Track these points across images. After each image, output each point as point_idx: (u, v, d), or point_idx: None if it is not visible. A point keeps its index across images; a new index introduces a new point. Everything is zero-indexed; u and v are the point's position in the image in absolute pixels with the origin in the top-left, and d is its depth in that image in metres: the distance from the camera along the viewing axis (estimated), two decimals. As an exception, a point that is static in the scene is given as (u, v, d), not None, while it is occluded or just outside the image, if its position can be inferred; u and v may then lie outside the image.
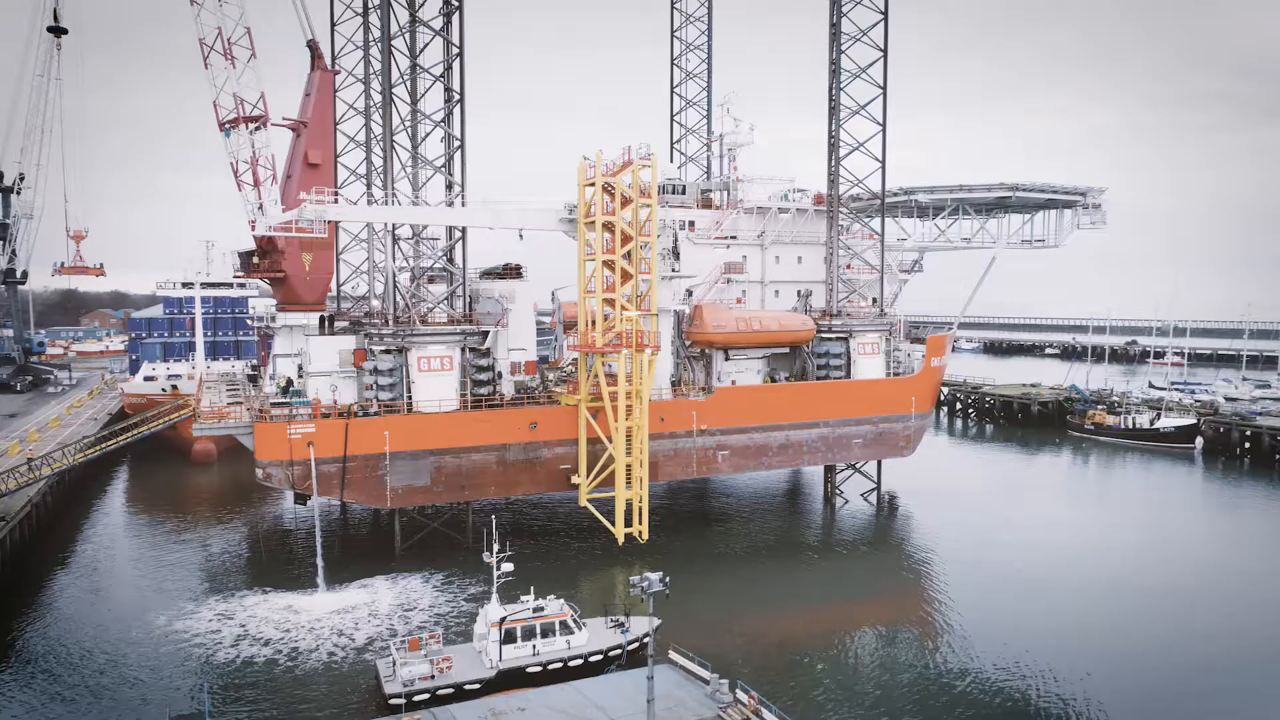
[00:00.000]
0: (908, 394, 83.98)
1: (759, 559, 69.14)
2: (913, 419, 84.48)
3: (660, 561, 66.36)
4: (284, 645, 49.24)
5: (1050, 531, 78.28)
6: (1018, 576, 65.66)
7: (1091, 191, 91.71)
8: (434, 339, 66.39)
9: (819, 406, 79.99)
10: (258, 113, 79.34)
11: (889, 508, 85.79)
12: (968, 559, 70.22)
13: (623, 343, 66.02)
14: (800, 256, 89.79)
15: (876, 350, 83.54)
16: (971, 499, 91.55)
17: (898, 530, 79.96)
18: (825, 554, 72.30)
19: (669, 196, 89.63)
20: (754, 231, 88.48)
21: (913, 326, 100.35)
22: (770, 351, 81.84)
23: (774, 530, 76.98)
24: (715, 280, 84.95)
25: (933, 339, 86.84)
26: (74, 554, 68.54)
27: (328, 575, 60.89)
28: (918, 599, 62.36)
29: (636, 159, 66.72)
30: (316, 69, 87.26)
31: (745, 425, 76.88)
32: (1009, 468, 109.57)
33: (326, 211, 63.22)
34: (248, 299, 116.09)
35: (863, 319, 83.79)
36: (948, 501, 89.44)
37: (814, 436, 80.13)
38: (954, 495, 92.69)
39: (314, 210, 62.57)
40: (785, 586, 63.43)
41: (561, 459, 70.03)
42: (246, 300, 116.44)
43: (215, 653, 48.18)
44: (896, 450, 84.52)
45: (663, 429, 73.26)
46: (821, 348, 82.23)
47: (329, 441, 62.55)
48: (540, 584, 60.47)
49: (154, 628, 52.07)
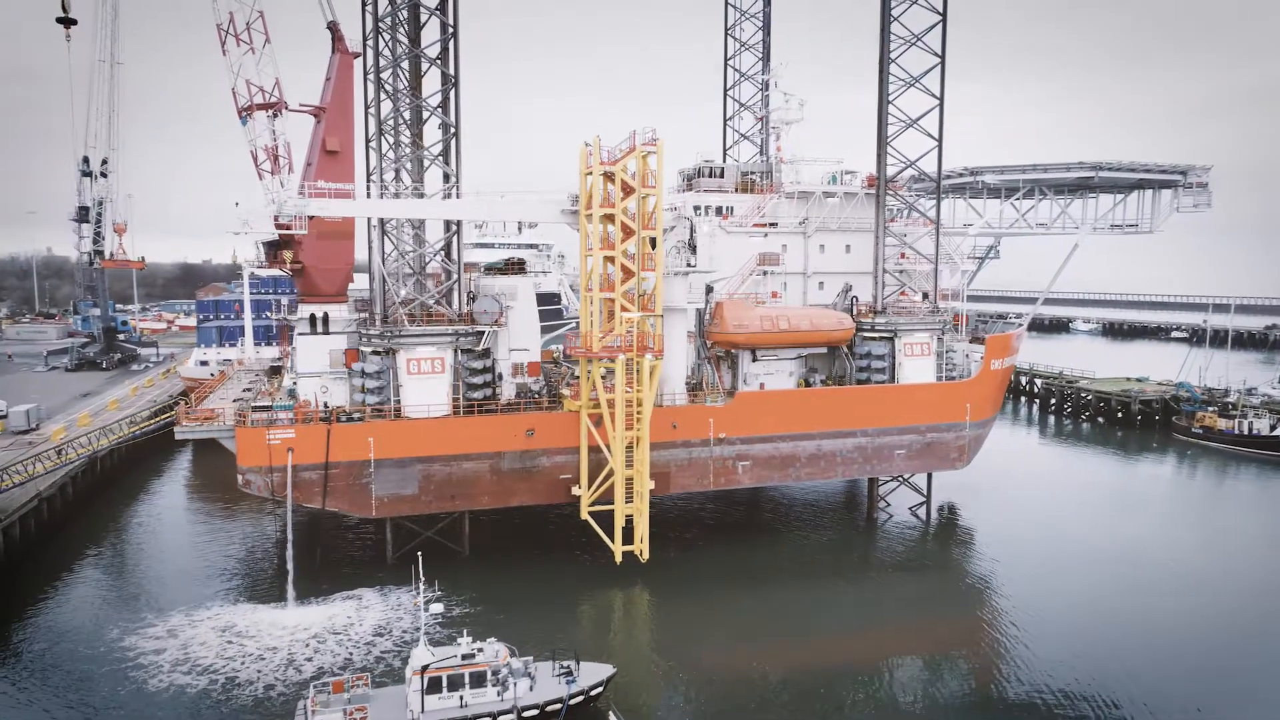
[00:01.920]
0: (961, 400, 75.35)
1: (780, 580, 63.29)
2: (967, 428, 75.86)
3: (662, 583, 61.59)
4: (222, 674, 46.64)
5: (1138, 557, 68.44)
6: (1098, 609, 58.12)
7: (1194, 170, 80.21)
8: (423, 340, 62.72)
9: (856, 413, 72.56)
10: (273, 99, 77.12)
11: (945, 522, 77.80)
12: (1029, 583, 62.86)
13: (621, 347, 60.73)
14: (849, 245, 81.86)
15: (926, 351, 75.13)
16: (1047, 511, 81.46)
17: (949, 549, 72.22)
18: (857, 575, 65.82)
19: (704, 180, 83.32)
20: (796, 218, 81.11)
21: (980, 321, 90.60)
22: (804, 352, 74.71)
23: (803, 547, 70.43)
24: (750, 272, 78.23)
25: (994, 339, 77.55)
26: (76, 549, 67.98)
27: (303, 587, 58.78)
28: (959, 633, 55.62)
29: (640, 144, 60.86)
30: (337, 52, 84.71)
31: (770, 433, 70.35)
32: (1099, 475, 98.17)
33: (307, 206, 60.13)
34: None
35: (911, 317, 75.45)
36: (1017, 514, 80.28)
37: (850, 447, 72.81)
38: (1026, 507, 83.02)
39: (295, 205, 59.62)
40: (802, 613, 57.92)
41: (561, 468, 65.52)
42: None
43: (149, 680, 45.97)
44: (947, 462, 76.16)
45: (675, 436, 67.70)
46: (863, 348, 74.55)
47: (310, 447, 59.96)
48: (524, 605, 57.25)
49: (104, 642, 50.57)
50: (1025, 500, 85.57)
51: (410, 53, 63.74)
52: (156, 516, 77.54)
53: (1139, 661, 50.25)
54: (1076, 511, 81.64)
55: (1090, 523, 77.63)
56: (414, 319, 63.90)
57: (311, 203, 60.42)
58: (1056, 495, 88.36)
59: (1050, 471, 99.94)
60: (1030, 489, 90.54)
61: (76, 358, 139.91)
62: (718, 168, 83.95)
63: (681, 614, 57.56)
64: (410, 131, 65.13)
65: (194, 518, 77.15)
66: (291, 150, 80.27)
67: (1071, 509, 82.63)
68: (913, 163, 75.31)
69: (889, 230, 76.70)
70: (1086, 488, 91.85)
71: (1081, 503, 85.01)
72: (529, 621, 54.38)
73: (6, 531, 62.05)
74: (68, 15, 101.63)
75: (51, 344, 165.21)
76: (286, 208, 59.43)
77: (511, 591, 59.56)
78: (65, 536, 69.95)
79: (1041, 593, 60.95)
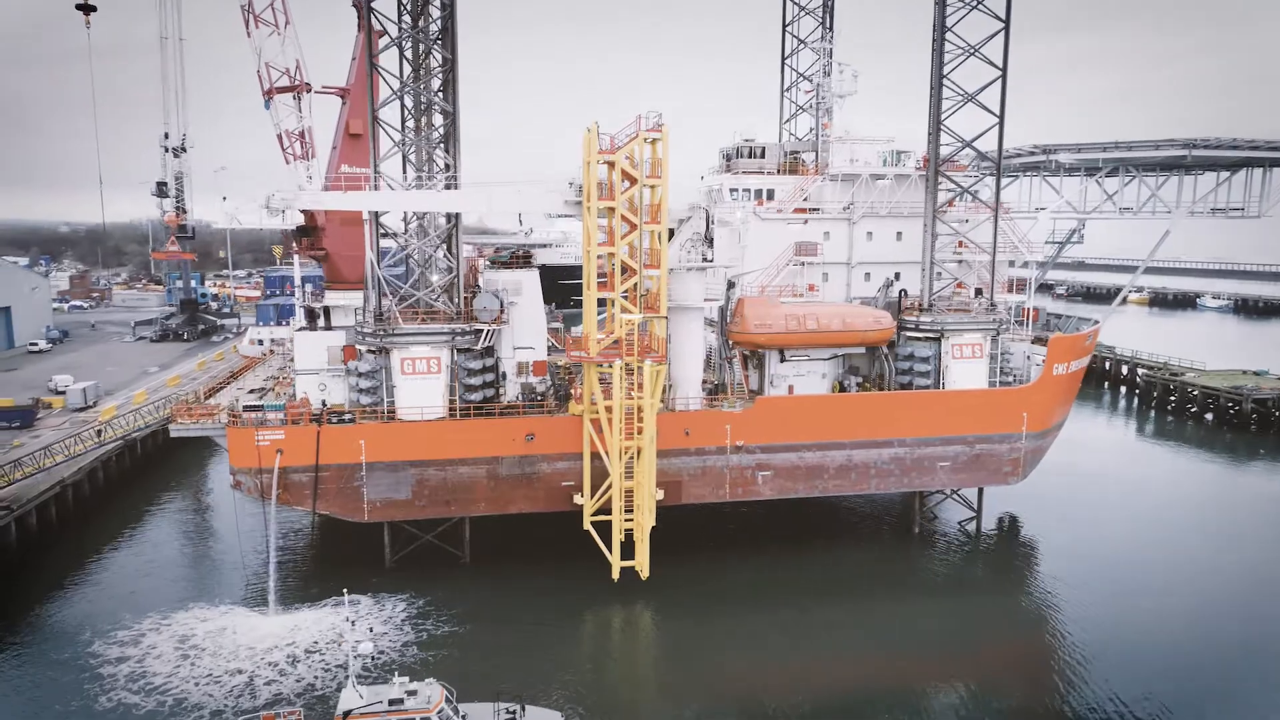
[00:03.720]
0: (1017, 408, 67.68)
1: (800, 601, 58.41)
2: (1023, 439, 68.20)
3: (667, 602, 57.73)
4: (173, 695, 45.21)
5: (1233, 594, 60.36)
6: (1172, 654, 51.73)
7: (1312, 146, 69.17)
8: (417, 339, 59.91)
9: (893, 421, 66.07)
10: (295, 81, 75.30)
11: (1001, 537, 70.92)
12: (1094, 613, 56.47)
13: (620, 351, 56.41)
14: (900, 233, 74.74)
15: (978, 353, 67.66)
16: (1128, 528, 72.61)
17: (1002, 570, 66.08)
18: (889, 596, 60.31)
19: (742, 161, 77.44)
20: (841, 202, 74.37)
21: (1051, 318, 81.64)
22: (838, 352, 68.45)
23: (829, 563, 64.73)
24: (785, 264, 72.27)
25: (1057, 341, 69.10)
26: (97, 539, 67.82)
27: (293, 591, 57.67)
28: (1002, 663, 50.37)
29: (642, 131, 55.83)
30: (362, 30, 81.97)
31: (794, 442, 64.83)
32: (1197, 487, 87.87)
33: (298, 199, 57.93)
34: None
35: (962, 315, 67.99)
36: (1090, 530, 72.02)
37: (886, 458, 66.50)
38: (1103, 521, 74.21)
39: (281, 199, 57.46)
40: (822, 638, 53.60)
41: (563, 475, 61.98)
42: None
43: (100, 696, 45.01)
44: (999, 477, 68.82)
45: (688, 444, 63.13)
46: (905, 349, 67.76)
47: (300, 449, 58.28)
48: (514, 623, 54.37)
49: (75, 646, 50.20)
50: (1103, 513, 76.47)
51: (410, 33, 60.25)
52: (182, 507, 77.72)
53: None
54: (1164, 530, 72.63)
55: (1177, 545, 68.94)
56: (417, 315, 61.23)
57: (301, 197, 58.25)
58: (1142, 508, 78.78)
59: (1140, 479, 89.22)
60: (1111, 499, 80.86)
61: (160, 329, 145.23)
62: (758, 147, 77.79)
63: (685, 637, 53.89)
64: (414, 119, 62.06)
65: (218, 509, 76.92)
66: (314, 134, 78.50)
67: (1159, 526, 73.66)
68: (968, 143, 67.39)
69: (942, 217, 69.07)
70: (1179, 502, 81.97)
71: (1171, 520, 75.58)
72: (515, 642, 51.85)
73: (22, 520, 63.13)
74: (87, 2, 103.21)
75: (146, 313, 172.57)
76: (273, 203, 57.36)
77: (504, 606, 56.64)
78: (91, 524, 70.39)
79: (1107, 627, 54.42)
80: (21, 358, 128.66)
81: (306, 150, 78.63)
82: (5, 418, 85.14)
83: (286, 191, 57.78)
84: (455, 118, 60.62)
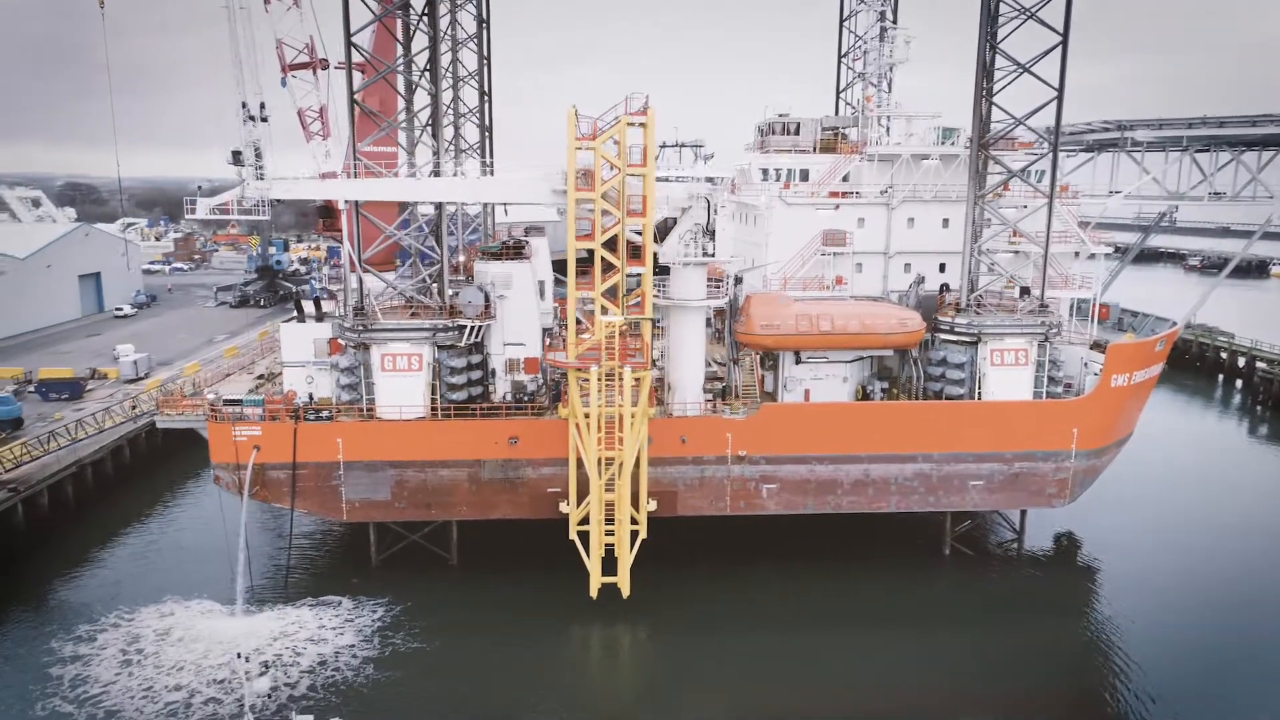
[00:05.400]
0: (1065, 423, 59.81)
1: (802, 623, 54.38)
2: (1072, 458, 60.34)
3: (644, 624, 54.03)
4: (102, 709, 44.34)
5: None
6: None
7: None
8: (396, 334, 57.19)
9: (916, 434, 59.48)
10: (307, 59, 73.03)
11: (1054, 561, 63.92)
12: (1165, 666, 49.76)
13: (597, 356, 52.14)
14: (946, 219, 67.03)
15: (1022, 360, 59.93)
16: (1221, 558, 63.65)
17: (1047, 600, 59.00)
18: (907, 625, 54.98)
19: (775, 138, 71.00)
20: (880, 185, 67.23)
21: (1126, 315, 72.12)
22: (862, 355, 62.00)
23: (843, 585, 58.92)
24: (811, 254, 65.97)
25: (1118, 349, 60.38)
26: (105, 527, 67.69)
27: (268, 590, 56.70)
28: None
29: (623, 116, 50.77)
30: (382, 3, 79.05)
31: (803, 453, 59.25)
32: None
33: (271, 189, 55.73)
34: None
35: (1004, 316, 60.31)
36: (1170, 557, 63.81)
37: (908, 473, 60.09)
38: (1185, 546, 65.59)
39: (256, 188, 55.38)
40: (820, 668, 49.77)
41: (549, 481, 58.51)
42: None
43: (36, 703, 44.52)
44: (1041, 499, 61.31)
45: (684, 452, 58.53)
46: (937, 353, 60.77)
47: (277, 446, 56.80)
48: (489, 635, 51.80)
49: (38, 640, 50.16)
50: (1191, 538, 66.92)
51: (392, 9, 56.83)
52: (193, 497, 75.26)
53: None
54: (1270, 564, 63.53)
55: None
56: (399, 310, 58.57)
57: (276, 184, 56.03)
58: (1243, 536, 67.96)
59: (1241, 496, 77.60)
60: (1202, 520, 70.33)
61: (239, 295, 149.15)
62: (792, 122, 71.10)
63: (664, 665, 50.53)
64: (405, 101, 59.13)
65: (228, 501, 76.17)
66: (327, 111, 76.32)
67: (1264, 558, 64.35)
68: (1020, 120, 59.02)
69: (990, 203, 61.09)
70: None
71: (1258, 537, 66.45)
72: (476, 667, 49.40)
73: (32, 502, 64.37)
74: None
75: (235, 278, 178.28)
76: (249, 190, 55.40)
77: (478, 620, 54.09)
78: (105, 507, 70.59)
79: (1180, 681, 48.03)
80: (106, 323, 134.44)
81: (325, 128, 76.61)
82: (55, 389, 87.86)
83: (262, 182, 55.62)
84: (436, 95, 57.05)
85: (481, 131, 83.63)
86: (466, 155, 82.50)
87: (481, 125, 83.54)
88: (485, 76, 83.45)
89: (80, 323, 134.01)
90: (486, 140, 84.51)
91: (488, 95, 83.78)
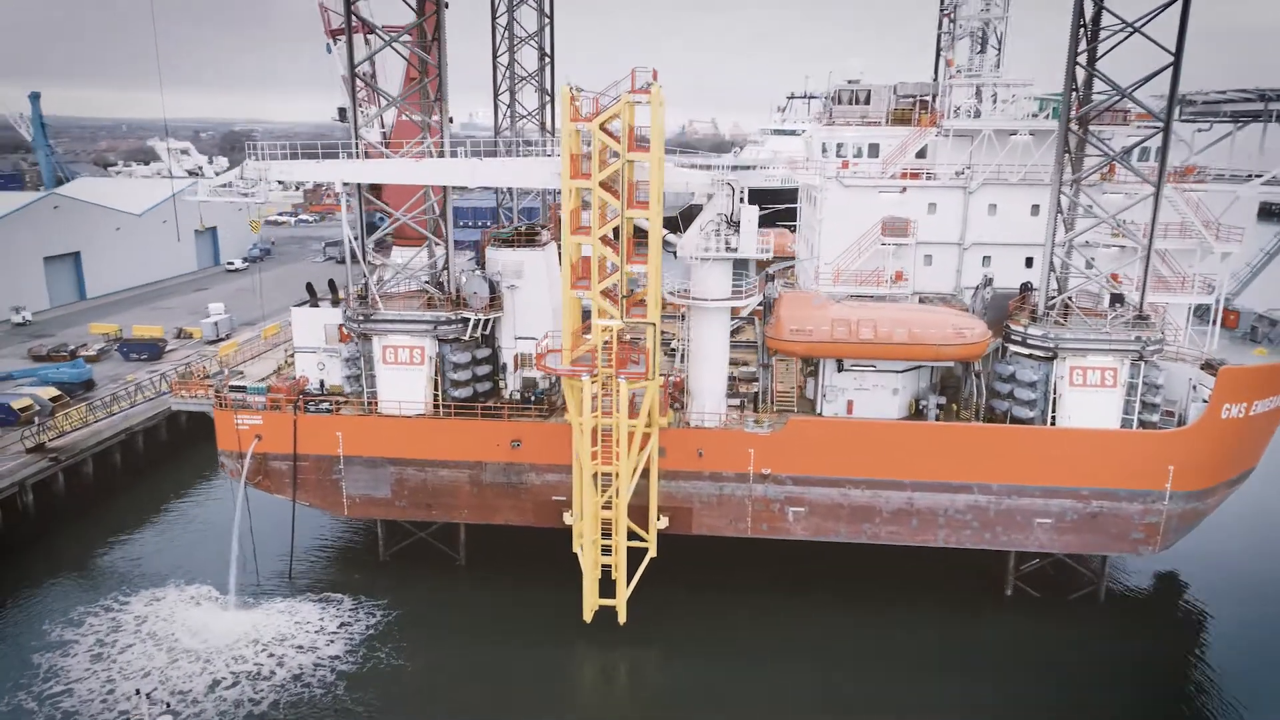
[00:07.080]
0: (1160, 459, 50.02)
1: (815, 666, 48.54)
2: (1166, 499, 50.59)
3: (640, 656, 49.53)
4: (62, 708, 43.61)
5: None
6: None
7: None
8: (397, 326, 53.81)
9: (971, 460, 51.29)
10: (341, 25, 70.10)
11: (1140, 609, 55.19)
12: None
13: (590, 364, 46.97)
14: (1037, 206, 57.35)
15: (1110, 381, 50.29)
16: None
17: (1141, 650, 50.93)
18: (953, 673, 48.61)
19: (843, 109, 62.86)
20: (956, 165, 58.18)
21: (1264, 321, 59.96)
22: (917, 365, 53.86)
23: (879, 623, 52.27)
24: (871, 243, 58.01)
25: (1230, 374, 49.58)
26: (130, 500, 67.77)
27: (269, 583, 55.56)
28: None
29: (625, 94, 44.56)
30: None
31: (837, 475, 52.30)
32: None
33: (269, 169, 52.97)
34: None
35: (1089, 326, 50.69)
36: None
37: (961, 505, 52.11)
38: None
39: (254, 168, 52.76)
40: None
41: (554, 488, 54.22)
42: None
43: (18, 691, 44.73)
44: (1125, 544, 51.94)
45: (701, 466, 52.79)
46: (1006, 368, 51.98)
47: (278, 436, 55.02)
48: (481, 652, 49.19)
49: (34, 631, 50.56)
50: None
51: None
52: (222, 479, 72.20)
53: None
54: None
55: None
56: (423, 295, 55.37)
57: (274, 165, 53.22)
58: None
59: None
60: None
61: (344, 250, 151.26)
62: (862, 90, 62.41)
63: (656, 706, 46.51)
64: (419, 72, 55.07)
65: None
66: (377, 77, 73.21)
67: None
68: (1125, 92, 48.50)
69: (1092, 186, 51.04)
70: None
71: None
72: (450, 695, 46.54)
73: (76, 471, 65.80)
74: None
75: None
76: (248, 171, 52.92)
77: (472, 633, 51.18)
78: (148, 479, 71.35)
79: None
80: (216, 277, 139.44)
81: (373, 95, 73.68)
82: (135, 350, 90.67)
83: (261, 162, 52.92)
84: (443, 71, 52.52)
85: (540, 96, 78.63)
86: (525, 122, 77.97)
87: (540, 89, 78.52)
88: (549, 37, 78.05)
89: (192, 277, 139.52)
90: (549, 107, 79.52)
91: (550, 57, 78.44)
